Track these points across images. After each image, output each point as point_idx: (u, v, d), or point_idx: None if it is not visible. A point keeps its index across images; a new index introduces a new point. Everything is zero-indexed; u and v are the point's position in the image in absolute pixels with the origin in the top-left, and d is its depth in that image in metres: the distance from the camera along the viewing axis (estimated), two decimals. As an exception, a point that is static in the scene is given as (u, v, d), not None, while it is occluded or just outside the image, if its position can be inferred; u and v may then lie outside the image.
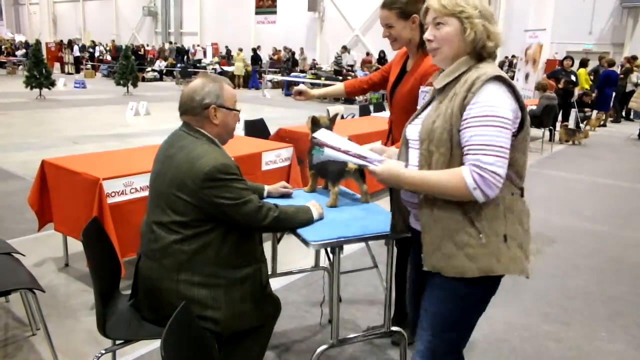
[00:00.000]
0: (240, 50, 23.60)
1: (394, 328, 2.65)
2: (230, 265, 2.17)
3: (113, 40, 31.28)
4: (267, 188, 2.79)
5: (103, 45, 30.80)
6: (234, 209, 2.11)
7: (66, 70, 27.50)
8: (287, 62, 24.22)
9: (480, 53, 1.81)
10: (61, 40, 30.86)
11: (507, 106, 1.72)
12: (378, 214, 2.56)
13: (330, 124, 2.80)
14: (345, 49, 21.30)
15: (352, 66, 21.05)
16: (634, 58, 15.50)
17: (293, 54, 24.53)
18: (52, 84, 15.31)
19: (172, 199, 2.11)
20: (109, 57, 28.49)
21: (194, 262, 2.12)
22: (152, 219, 2.19)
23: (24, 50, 29.28)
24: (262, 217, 2.18)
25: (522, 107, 1.78)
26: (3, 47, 31.78)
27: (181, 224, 2.11)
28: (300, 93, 3.17)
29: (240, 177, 2.18)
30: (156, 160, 2.27)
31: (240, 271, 2.20)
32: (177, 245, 2.11)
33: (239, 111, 2.33)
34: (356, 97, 18.31)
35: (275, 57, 25.11)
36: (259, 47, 25.66)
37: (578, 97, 12.51)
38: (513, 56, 19.99)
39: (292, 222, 2.31)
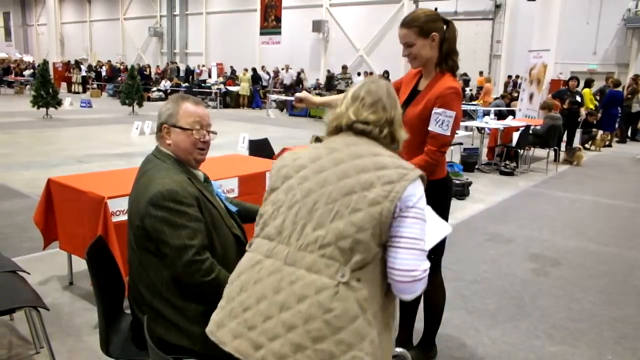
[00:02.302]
0: (246, 70, 23.80)
1: (398, 349, 2.64)
2: (194, 297, 2.10)
3: (109, 60, 31.60)
4: None
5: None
6: (168, 248, 2.03)
7: (73, 90, 27.78)
8: (283, 82, 24.45)
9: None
10: (68, 61, 31.21)
11: None
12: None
13: None
14: (344, 69, 21.36)
15: None
16: (640, 78, 15.55)
17: (299, 74, 24.71)
18: (59, 103, 15.43)
19: (132, 224, 2.12)
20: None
21: (156, 288, 2.10)
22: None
23: (31, 70, 29.60)
24: (190, 272, 2.02)
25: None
26: (11, 67, 32.13)
27: (143, 249, 2.11)
28: (300, 100, 3.11)
29: (188, 209, 2.04)
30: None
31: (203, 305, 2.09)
32: (141, 269, 2.13)
33: (192, 131, 2.20)
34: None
35: (275, 78, 25.20)
36: (263, 67, 25.89)
37: (585, 117, 12.54)
38: (517, 76, 20.11)
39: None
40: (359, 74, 22.21)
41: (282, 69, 24.14)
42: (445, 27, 2.69)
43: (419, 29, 2.63)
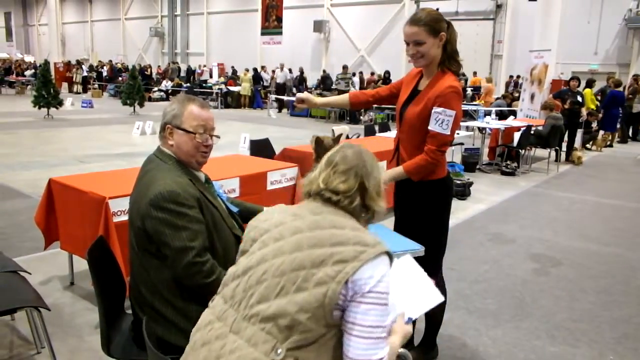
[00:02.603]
0: (247, 70, 23.79)
1: (399, 350, 2.63)
2: (195, 298, 2.09)
3: (110, 61, 31.73)
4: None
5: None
6: (169, 249, 2.03)
7: (74, 90, 27.81)
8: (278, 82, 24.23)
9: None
10: (69, 61, 31.24)
11: None
12: (384, 234, 2.55)
13: (334, 144, 2.79)
14: (345, 69, 21.31)
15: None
16: (641, 77, 15.51)
17: (301, 73, 24.56)
18: (60, 103, 15.44)
19: (133, 225, 2.12)
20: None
21: (157, 288, 2.10)
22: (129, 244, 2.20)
23: (32, 70, 29.64)
24: (191, 274, 2.02)
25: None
26: (12, 67, 32.18)
27: (144, 250, 2.10)
28: (302, 101, 3.09)
29: (189, 210, 2.04)
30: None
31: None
32: (142, 269, 2.13)
33: (195, 134, 2.19)
34: (361, 118, 18.40)
35: (273, 79, 25.06)
36: (263, 67, 25.85)
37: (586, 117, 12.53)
38: (518, 76, 20.10)
39: None
40: (353, 74, 22.09)
41: (277, 68, 24.00)
42: (447, 27, 2.69)
43: (430, 28, 2.61)
